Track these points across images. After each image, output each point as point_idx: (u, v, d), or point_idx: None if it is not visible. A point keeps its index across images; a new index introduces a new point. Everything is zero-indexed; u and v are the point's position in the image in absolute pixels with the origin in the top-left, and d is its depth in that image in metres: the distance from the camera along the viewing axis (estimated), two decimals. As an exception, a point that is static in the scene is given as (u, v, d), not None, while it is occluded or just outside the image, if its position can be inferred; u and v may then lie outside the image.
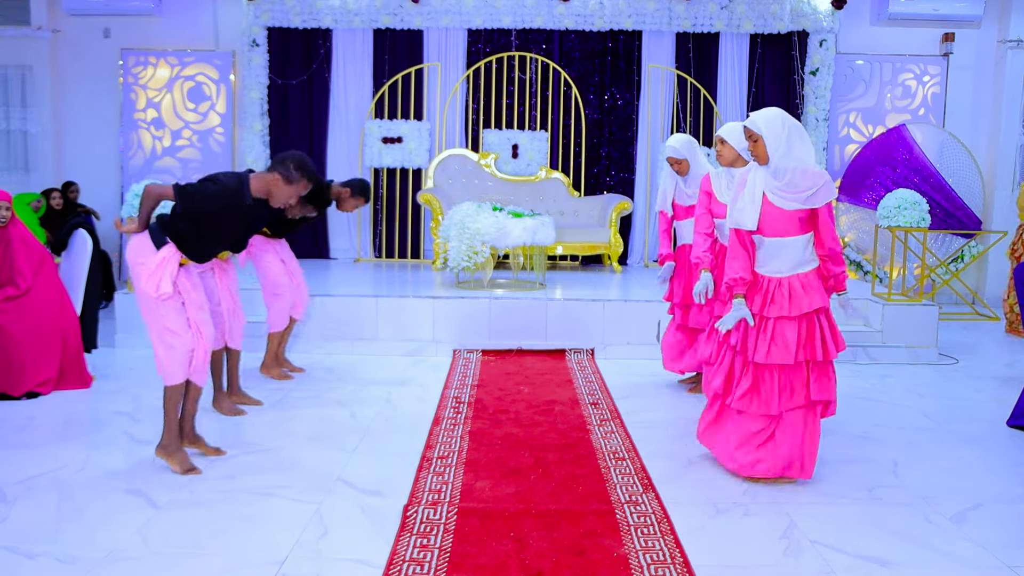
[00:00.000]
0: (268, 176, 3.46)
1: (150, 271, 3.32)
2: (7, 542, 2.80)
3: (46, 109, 8.57)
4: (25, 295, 4.62)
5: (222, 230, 3.52)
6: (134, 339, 5.81)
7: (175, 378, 3.45)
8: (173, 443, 3.51)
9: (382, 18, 8.20)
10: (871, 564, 2.75)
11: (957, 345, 6.45)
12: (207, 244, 3.51)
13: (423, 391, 4.89)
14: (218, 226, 3.47)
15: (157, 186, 3.39)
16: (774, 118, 3.19)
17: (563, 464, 3.63)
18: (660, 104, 8.49)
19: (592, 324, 5.88)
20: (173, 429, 3.51)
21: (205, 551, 2.77)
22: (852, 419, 4.40)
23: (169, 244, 3.37)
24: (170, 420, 3.50)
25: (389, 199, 8.49)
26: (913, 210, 5.94)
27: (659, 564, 2.70)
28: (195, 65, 8.58)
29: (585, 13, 8.19)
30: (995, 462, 3.83)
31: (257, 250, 4.90)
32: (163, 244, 3.36)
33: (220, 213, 3.40)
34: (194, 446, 3.66)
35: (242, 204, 3.42)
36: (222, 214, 3.41)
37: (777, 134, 3.16)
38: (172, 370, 3.43)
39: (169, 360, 3.42)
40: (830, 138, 8.65)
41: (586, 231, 7.67)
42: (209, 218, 3.40)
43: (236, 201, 3.39)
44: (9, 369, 4.55)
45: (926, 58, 8.63)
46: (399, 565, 2.67)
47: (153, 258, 3.34)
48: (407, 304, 5.92)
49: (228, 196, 3.37)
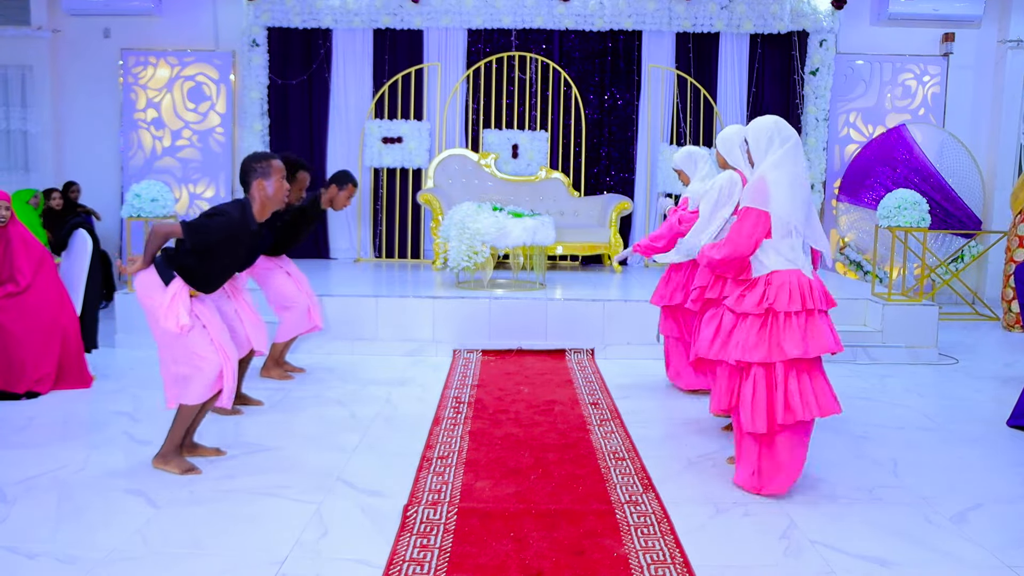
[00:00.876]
0: (253, 192, 3.44)
1: (165, 308, 3.32)
2: (7, 542, 2.80)
3: (46, 109, 8.57)
4: (24, 292, 4.62)
5: (229, 259, 3.51)
6: (134, 339, 5.81)
7: (199, 399, 3.45)
8: (172, 452, 3.52)
9: (382, 18, 8.20)
10: (871, 564, 2.75)
11: (957, 345, 6.45)
12: (215, 275, 3.50)
13: (423, 391, 4.89)
14: (224, 256, 3.46)
15: (164, 225, 3.35)
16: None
17: (563, 464, 3.63)
18: (660, 104, 8.49)
19: (592, 324, 5.88)
20: (176, 442, 3.52)
21: (205, 551, 2.77)
22: (852, 419, 4.40)
23: (177, 279, 3.36)
24: (176, 435, 3.51)
25: (389, 199, 8.49)
26: (913, 210, 5.94)
27: (659, 564, 2.70)
28: (195, 65, 8.59)
29: (585, 13, 8.19)
30: (995, 462, 3.83)
31: (261, 269, 4.90)
32: (171, 279, 3.36)
33: (226, 243, 3.40)
34: (194, 454, 3.65)
35: (248, 231, 3.43)
36: (228, 243, 3.41)
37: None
38: (198, 391, 3.43)
39: (196, 382, 3.41)
40: (830, 138, 8.65)
41: (586, 231, 7.68)
42: (215, 250, 3.39)
43: (242, 229, 3.40)
44: (10, 367, 4.56)
45: (926, 58, 8.63)
46: (399, 565, 2.67)
47: (164, 295, 3.34)
48: (407, 304, 5.92)
49: (234, 226, 3.37)
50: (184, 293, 3.37)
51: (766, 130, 3.25)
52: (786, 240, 3.19)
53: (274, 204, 3.50)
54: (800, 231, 3.20)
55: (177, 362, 3.44)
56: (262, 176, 3.43)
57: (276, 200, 3.49)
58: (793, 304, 3.15)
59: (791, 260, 3.20)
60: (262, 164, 3.44)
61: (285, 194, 3.54)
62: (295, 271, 5.10)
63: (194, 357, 3.40)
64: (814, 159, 8.34)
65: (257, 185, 3.43)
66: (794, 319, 3.18)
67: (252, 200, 3.45)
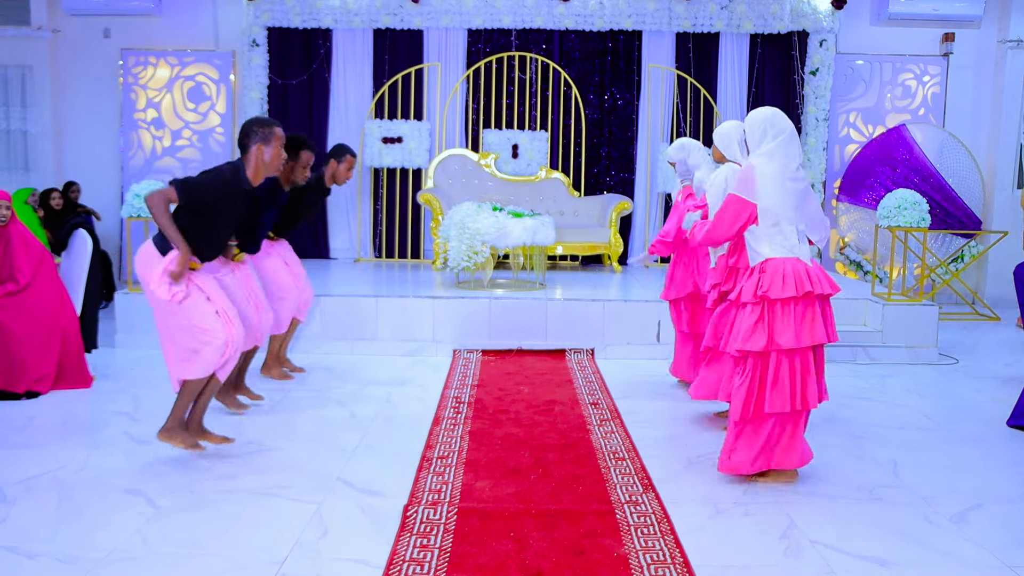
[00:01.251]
0: (250, 155, 3.44)
1: (158, 276, 3.33)
2: (7, 542, 2.80)
3: (46, 109, 8.57)
4: (24, 291, 4.63)
5: (224, 220, 3.50)
6: (134, 339, 5.81)
7: (203, 372, 3.47)
8: (177, 426, 3.53)
9: (382, 18, 8.20)
10: (871, 564, 2.75)
11: (957, 345, 6.45)
12: (212, 237, 3.50)
13: (423, 391, 4.89)
14: (220, 216, 3.46)
15: (156, 192, 3.30)
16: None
17: (563, 464, 3.63)
18: (660, 104, 8.49)
19: (592, 324, 5.88)
20: (180, 416, 3.54)
21: (205, 551, 2.77)
22: (852, 419, 4.40)
23: (174, 249, 3.35)
24: (181, 409, 3.53)
25: (389, 199, 8.50)
26: (913, 210, 5.94)
27: (659, 564, 2.70)
28: (195, 65, 8.58)
29: (585, 13, 8.19)
30: (995, 462, 3.83)
31: (260, 253, 4.89)
32: (169, 249, 3.36)
33: (220, 202, 3.40)
34: (203, 439, 3.68)
35: (240, 190, 3.43)
36: (222, 203, 3.41)
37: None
38: (204, 364, 3.44)
39: (203, 355, 3.43)
40: (830, 138, 8.65)
41: (586, 231, 7.68)
42: (210, 208, 3.39)
43: (234, 188, 3.40)
44: (10, 366, 4.56)
45: (926, 58, 8.63)
46: (399, 565, 2.67)
47: (160, 263, 3.34)
48: (407, 304, 5.92)
49: (227, 184, 3.38)
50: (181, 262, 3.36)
51: (762, 121, 3.29)
52: (775, 228, 3.23)
53: (269, 171, 3.49)
54: (792, 219, 3.23)
55: (183, 338, 3.45)
56: (262, 141, 3.44)
57: (272, 167, 3.48)
58: (787, 290, 3.18)
59: (787, 248, 3.24)
60: (264, 129, 3.45)
61: (280, 164, 3.53)
62: (294, 261, 5.04)
63: (196, 330, 3.41)
64: (814, 159, 8.34)
65: (256, 149, 3.43)
66: (791, 308, 3.20)
67: (247, 163, 3.45)
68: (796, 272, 3.20)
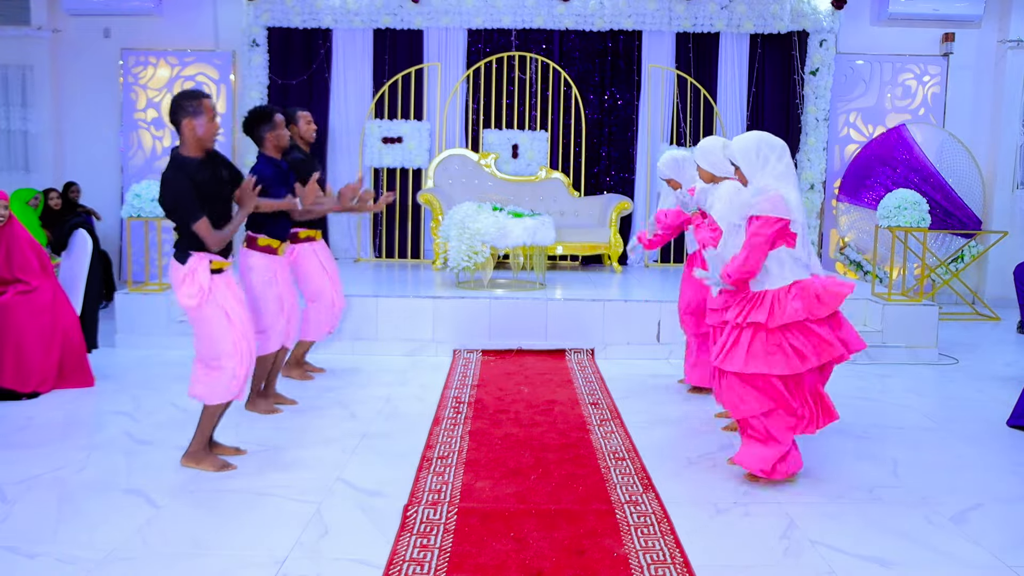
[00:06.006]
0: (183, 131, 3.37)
1: (181, 284, 3.34)
2: (7, 542, 2.81)
3: (46, 109, 8.56)
4: (34, 292, 4.65)
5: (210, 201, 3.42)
6: (134, 339, 5.81)
7: (221, 399, 3.48)
8: (202, 451, 3.54)
9: (382, 18, 8.20)
10: (871, 564, 2.75)
11: (957, 345, 6.45)
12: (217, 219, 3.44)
13: (423, 391, 4.89)
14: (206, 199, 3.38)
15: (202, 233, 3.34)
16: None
17: (563, 464, 3.63)
18: (660, 104, 8.49)
19: (592, 324, 5.88)
20: (205, 440, 3.54)
21: (205, 551, 2.78)
22: (852, 419, 4.40)
23: (192, 255, 3.36)
24: (204, 433, 3.54)
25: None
26: (913, 210, 5.94)
27: (659, 564, 2.70)
28: (195, 65, 8.58)
29: (585, 13, 8.19)
30: (995, 462, 3.83)
31: (299, 256, 4.85)
32: (186, 257, 3.36)
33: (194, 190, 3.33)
34: (216, 451, 3.67)
35: (193, 165, 3.35)
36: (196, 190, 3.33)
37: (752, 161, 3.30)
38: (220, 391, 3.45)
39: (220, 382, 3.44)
40: (830, 138, 8.64)
41: (586, 231, 7.67)
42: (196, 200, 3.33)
43: (188, 169, 3.34)
44: (19, 365, 4.57)
45: (926, 58, 8.63)
46: (399, 565, 2.67)
47: (180, 271, 3.35)
48: (407, 304, 5.92)
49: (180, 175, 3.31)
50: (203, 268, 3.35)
51: (755, 147, 3.27)
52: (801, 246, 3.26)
53: (206, 142, 3.41)
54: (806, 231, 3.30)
55: (201, 348, 3.47)
56: (192, 115, 3.35)
57: (208, 139, 3.41)
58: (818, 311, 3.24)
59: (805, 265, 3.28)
60: (192, 103, 3.36)
61: (216, 133, 3.45)
62: (331, 266, 5.01)
63: (217, 351, 3.41)
64: (814, 159, 8.34)
65: (187, 124, 3.35)
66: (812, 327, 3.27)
67: (181, 138, 3.40)
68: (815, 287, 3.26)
